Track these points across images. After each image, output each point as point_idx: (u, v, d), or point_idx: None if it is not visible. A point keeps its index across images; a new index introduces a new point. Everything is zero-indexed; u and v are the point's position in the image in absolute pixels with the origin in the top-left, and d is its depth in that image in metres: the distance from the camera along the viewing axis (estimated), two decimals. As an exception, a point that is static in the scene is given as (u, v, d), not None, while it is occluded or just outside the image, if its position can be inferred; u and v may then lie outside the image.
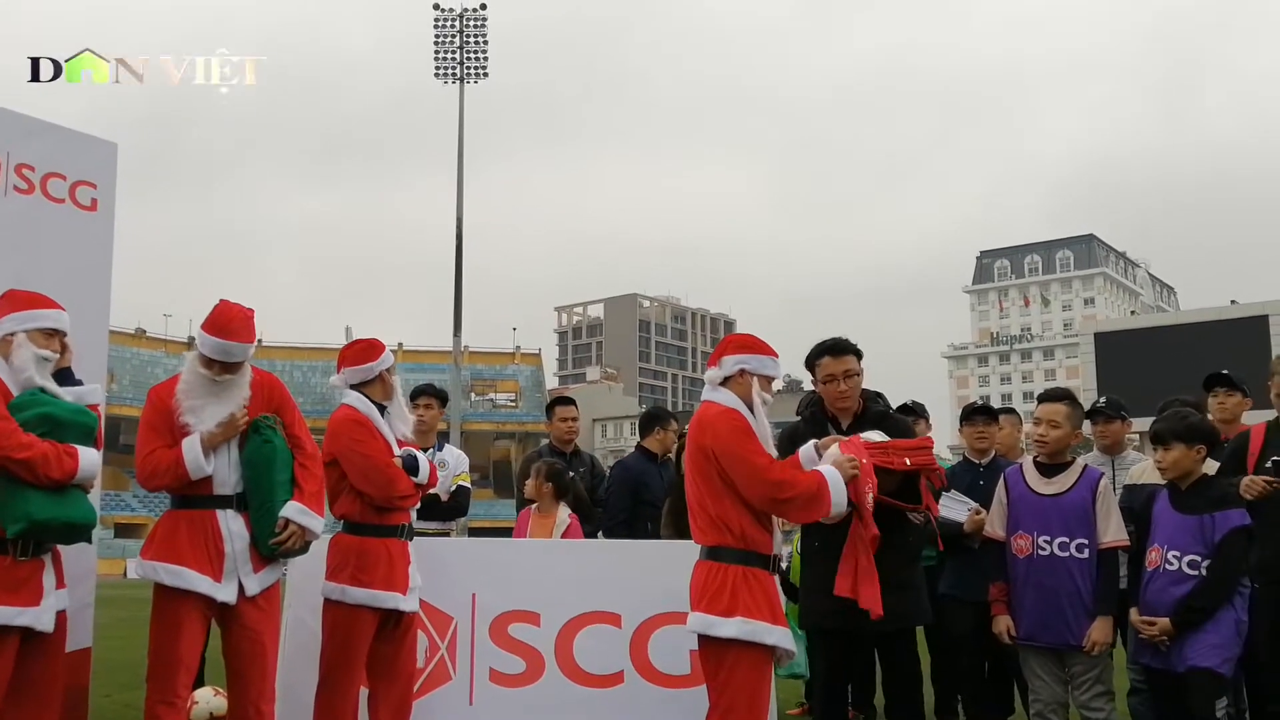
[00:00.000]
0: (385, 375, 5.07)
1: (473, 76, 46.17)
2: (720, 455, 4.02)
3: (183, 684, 4.36)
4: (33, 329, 4.17)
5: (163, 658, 4.34)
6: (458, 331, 44.20)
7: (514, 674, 5.49)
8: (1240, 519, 4.53)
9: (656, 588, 5.16)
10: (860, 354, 5.02)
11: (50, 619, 4.07)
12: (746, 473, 3.98)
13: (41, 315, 4.22)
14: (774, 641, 3.96)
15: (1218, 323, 34.64)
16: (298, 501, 4.50)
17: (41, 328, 4.20)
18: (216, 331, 4.40)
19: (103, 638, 5.89)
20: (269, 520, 4.45)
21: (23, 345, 4.13)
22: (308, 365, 76.84)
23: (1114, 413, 6.12)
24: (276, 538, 4.45)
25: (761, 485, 3.96)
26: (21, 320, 4.18)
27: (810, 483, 4.00)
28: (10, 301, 4.23)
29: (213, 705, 6.55)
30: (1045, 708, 4.93)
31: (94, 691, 4.99)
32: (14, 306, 4.20)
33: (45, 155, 4.85)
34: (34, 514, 3.90)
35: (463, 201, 42.85)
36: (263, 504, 4.48)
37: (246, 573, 4.45)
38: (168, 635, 4.35)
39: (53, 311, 4.26)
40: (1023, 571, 4.92)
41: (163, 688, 4.31)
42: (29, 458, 3.88)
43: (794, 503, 3.98)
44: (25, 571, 3.99)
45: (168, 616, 4.38)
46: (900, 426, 5.00)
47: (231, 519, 4.46)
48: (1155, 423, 4.84)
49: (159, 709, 4.29)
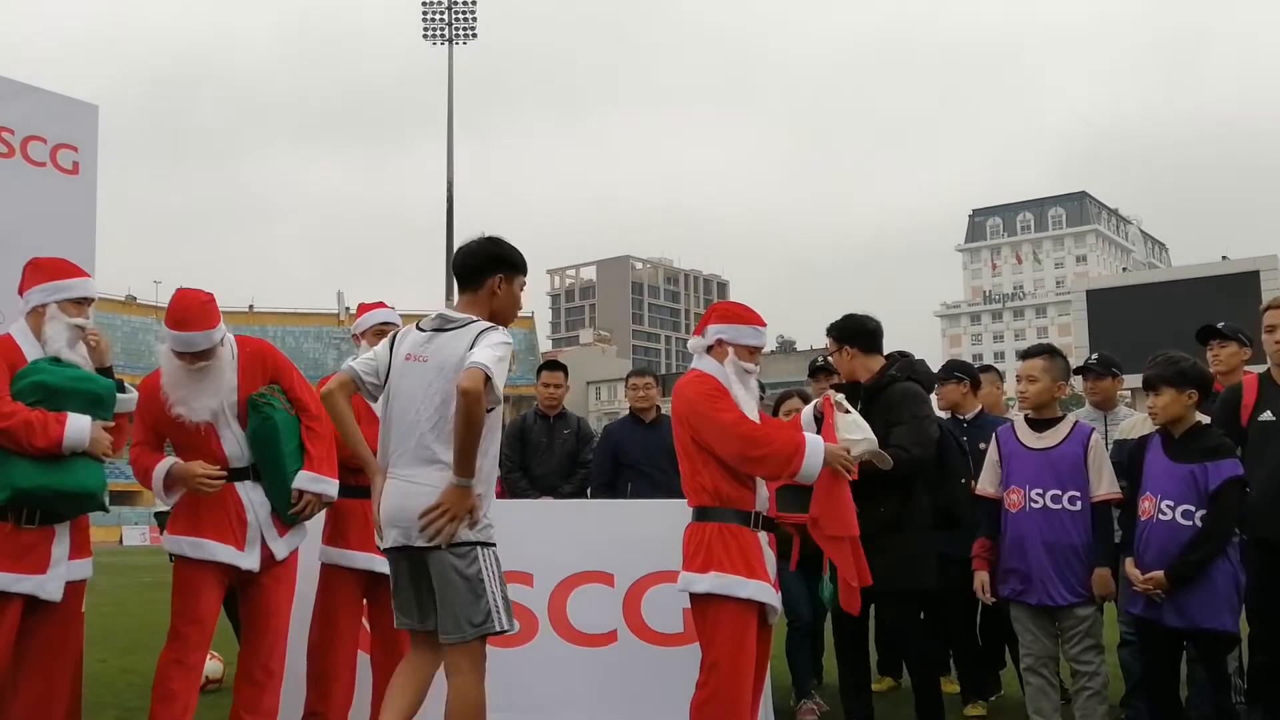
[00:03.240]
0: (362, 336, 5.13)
1: (461, 38, 45.85)
2: (691, 418, 4.12)
3: (196, 644, 4.41)
4: (64, 299, 4.17)
5: (181, 620, 4.41)
6: (450, 295, 44.12)
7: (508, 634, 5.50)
8: (1233, 469, 4.51)
9: (649, 547, 5.17)
10: (836, 334, 5.21)
11: (57, 588, 4.09)
12: (716, 430, 4.04)
13: (71, 285, 4.22)
14: (748, 595, 3.99)
15: (1209, 279, 34.53)
16: (308, 470, 4.53)
17: (72, 298, 4.20)
18: (175, 324, 4.34)
19: (99, 604, 5.92)
20: (284, 493, 4.50)
21: (55, 317, 4.14)
22: (300, 331, 76.76)
23: (1104, 369, 6.13)
24: (294, 508, 4.51)
25: (732, 441, 4.01)
26: (52, 291, 4.17)
27: (787, 443, 4.01)
28: (37, 270, 4.20)
29: (209, 669, 6.60)
30: (1036, 661, 4.95)
31: (89, 656, 5.00)
32: (43, 276, 4.18)
33: (25, 118, 4.79)
34: (17, 482, 3.91)
35: (453, 164, 42.72)
36: (275, 479, 4.51)
37: (273, 537, 4.53)
38: (186, 600, 4.42)
39: (81, 280, 4.27)
40: (1014, 525, 4.93)
41: (177, 648, 4.37)
42: (9, 426, 3.88)
43: (766, 460, 4.01)
44: (31, 539, 4.01)
45: (187, 582, 4.43)
46: (894, 399, 4.99)
47: (251, 489, 4.51)
48: (1147, 369, 4.85)
49: (171, 668, 4.34)
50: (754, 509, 4.12)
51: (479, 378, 3.54)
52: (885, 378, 5.07)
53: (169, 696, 4.27)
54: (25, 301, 4.20)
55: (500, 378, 3.62)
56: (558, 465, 7.30)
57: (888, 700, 6.19)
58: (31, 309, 4.17)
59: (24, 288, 4.22)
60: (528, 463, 7.35)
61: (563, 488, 7.18)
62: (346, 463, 4.90)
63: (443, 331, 3.84)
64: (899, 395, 5.00)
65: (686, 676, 4.25)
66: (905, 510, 4.91)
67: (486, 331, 3.74)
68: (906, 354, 5.31)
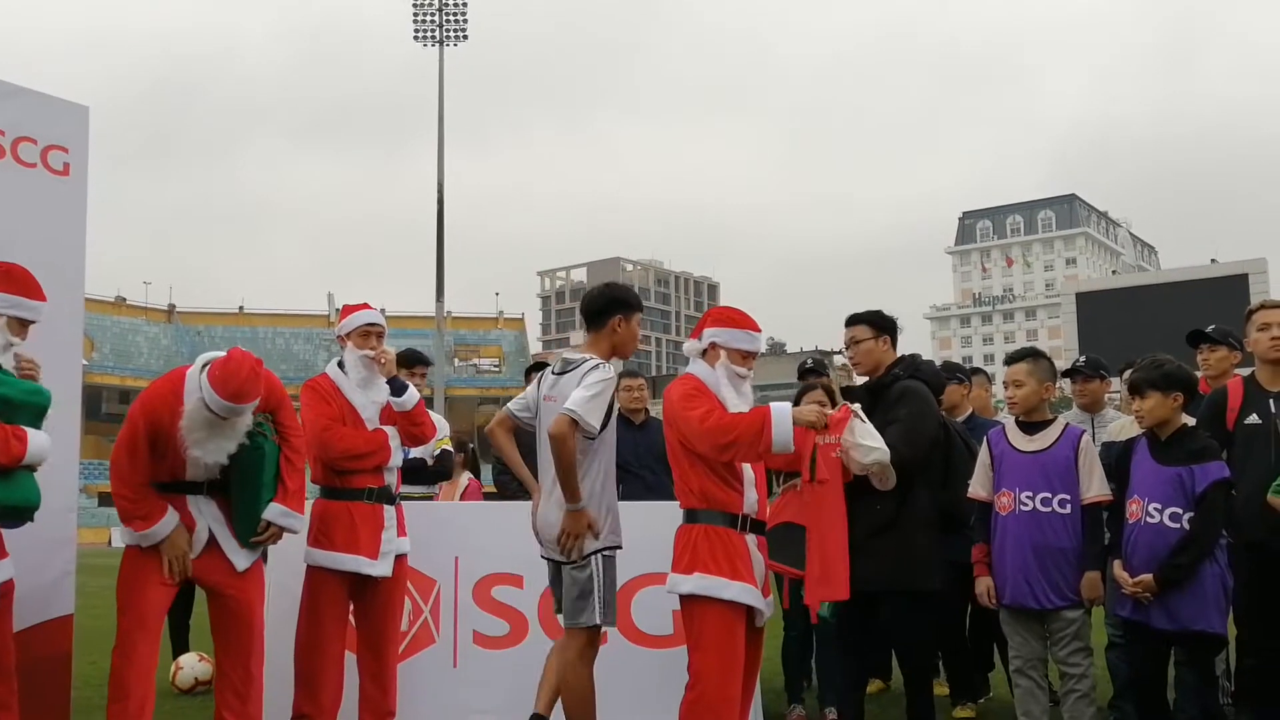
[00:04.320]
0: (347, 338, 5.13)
1: (452, 39, 45.81)
2: (672, 421, 4.22)
3: (141, 639, 4.43)
4: (12, 316, 4.12)
5: (124, 613, 4.46)
6: (440, 297, 44.10)
7: (497, 636, 5.52)
8: (1220, 472, 4.54)
9: (638, 550, 5.16)
10: (875, 322, 5.18)
11: None
12: (690, 428, 4.10)
13: (28, 305, 4.15)
14: (731, 596, 4.01)
15: (1198, 281, 34.77)
16: (280, 503, 4.60)
17: (21, 317, 4.15)
18: (231, 397, 4.30)
19: (88, 605, 5.90)
20: (252, 520, 4.56)
21: (0, 331, 4.09)
22: (290, 332, 76.49)
23: (1093, 371, 6.16)
24: (258, 537, 4.58)
25: (704, 435, 4.06)
26: (9, 305, 4.11)
27: (752, 420, 4.03)
28: (7, 279, 4.14)
29: (198, 670, 6.60)
30: (1025, 664, 4.97)
31: (78, 658, 4.99)
32: (7, 286, 4.12)
33: (16, 119, 4.77)
34: None
35: (443, 166, 42.66)
36: (248, 504, 4.56)
37: (233, 549, 4.56)
38: (131, 593, 4.47)
39: (39, 304, 4.20)
40: (1004, 528, 4.94)
41: (120, 640, 4.43)
42: None
43: (739, 443, 4.03)
44: None
45: (133, 575, 4.49)
46: (894, 396, 4.99)
47: (203, 503, 4.55)
48: (1132, 373, 4.88)
49: (114, 657, 4.42)
50: (741, 511, 4.14)
51: (563, 422, 4.27)
52: (889, 375, 5.09)
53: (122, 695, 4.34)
54: None
55: (591, 413, 4.30)
56: (549, 467, 7.31)
57: (877, 702, 6.20)
58: None
59: None
60: (520, 464, 7.36)
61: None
62: (332, 465, 4.92)
63: (564, 374, 4.53)
64: (899, 393, 5.02)
65: (676, 678, 4.27)
66: (903, 510, 4.90)
67: (590, 371, 4.42)
68: (915, 355, 5.34)
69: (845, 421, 4.36)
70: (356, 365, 5.06)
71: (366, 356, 5.04)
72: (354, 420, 5.01)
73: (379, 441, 5.01)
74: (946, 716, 5.80)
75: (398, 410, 5.07)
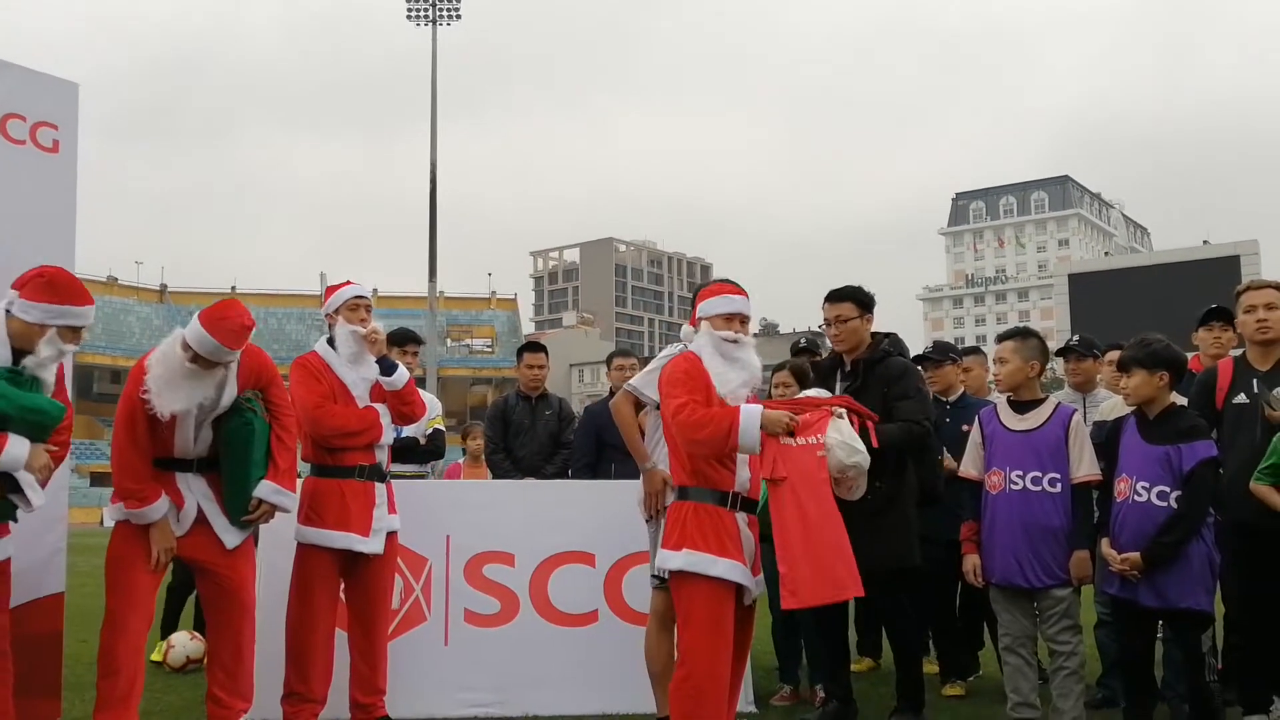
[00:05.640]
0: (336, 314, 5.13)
1: (445, 18, 45.58)
2: (661, 404, 4.26)
3: (132, 616, 4.44)
4: (63, 325, 4.11)
5: (113, 590, 4.46)
6: (433, 277, 44.02)
7: (489, 614, 5.53)
8: (1207, 451, 4.55)
9: (630, 528, 5.19)
10: (860, 299, 5.24)
11: None
12: (668, 416, 4.13)
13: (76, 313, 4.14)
14: (719, 573, 4.00)
15: (1190, 263, 34.87)
16: (271, 480, 4.59)
17: (71, 325, 4.14)
18: (218, 334, 4.30)
19: (79, 585, 5.91)
20: (243, 497, 4.55)
21: (53, 341, 4.09)
22: (283, 312, 76.43)
23: (1085, 350, 6.17)
24: (248, 515, 4.57)
25: (678, 427, 4.08)
26: (57, 315, 4.09)
27: (723, 419, 4.02)
28: (51, 290, 4.09)
29: (189, 649, 6.62)
30: (1014, 642, 4.99)
31: (69, 636, 5.00)
32: (53, 297, 4.08)
33: (5, 96, 4.74)
34: None
35: (437, 147, 42.54)
36: (238, 480, 4.55)
37: (223, 527, 4.56)
38: (121, 570, 4.47)
39: (87, 309, 4.19)
40: (994, 507, 4.96)
41: (110, 616, 4.43)
42: None
43: (710, 441, 4.03)
44: None
45: (123, 551, 4.48)
46: (895, 372, 5.06)
47: (193, 480, 4.55)
48: (1120, 351, 4.90)
49: (104, 633, 4.42)
50: (732, 489, 4.14)
51: (620, 396, 4.94)
52: (880, 351, 5.17)
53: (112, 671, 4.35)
54: (7, 298, 4.10)
55: (646, 385, 4.75)
56: (540, 446, 7.34)
57: (867, 680, 6.23)
58: (10, 315, 4.06)
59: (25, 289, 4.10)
60: (510, 444, 7.38)
61: (545, 469, 7.21)
62: (324, 442, 4.92)
63: None
64: (900, 368, 5.11)
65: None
66: (900, 487, 4.99)
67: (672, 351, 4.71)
68: (892, 334, 5.37)
69: (821, 423, 4.26)
70: (347, 340, 5.04)
71: (357, 331, 5.02)
72: (344, 397, 5.00)
73: (370, 419, 5.00)
74: (936, 694, 5.82)
75: (387, 389, 5.06)
